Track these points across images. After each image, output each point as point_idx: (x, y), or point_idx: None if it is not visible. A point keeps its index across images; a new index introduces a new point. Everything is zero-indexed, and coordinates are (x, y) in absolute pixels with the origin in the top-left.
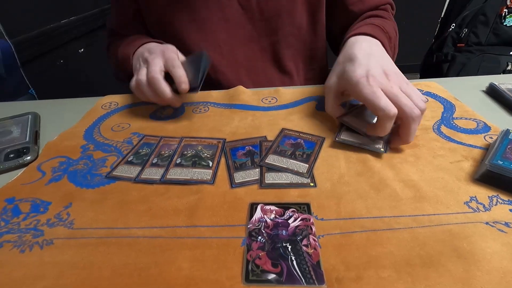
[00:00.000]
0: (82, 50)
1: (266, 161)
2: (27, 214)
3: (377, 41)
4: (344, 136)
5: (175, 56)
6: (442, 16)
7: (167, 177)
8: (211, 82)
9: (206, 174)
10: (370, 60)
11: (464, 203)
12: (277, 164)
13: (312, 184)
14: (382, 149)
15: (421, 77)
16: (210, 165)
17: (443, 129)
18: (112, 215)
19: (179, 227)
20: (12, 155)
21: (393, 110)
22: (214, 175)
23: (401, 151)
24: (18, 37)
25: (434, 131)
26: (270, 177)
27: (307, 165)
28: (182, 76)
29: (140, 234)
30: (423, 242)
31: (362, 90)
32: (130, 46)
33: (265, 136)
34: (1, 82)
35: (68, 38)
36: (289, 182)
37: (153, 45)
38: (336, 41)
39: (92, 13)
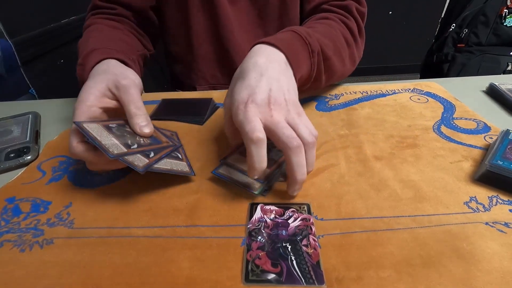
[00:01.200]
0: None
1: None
2: (27, 213)
3: (282, 56)
4: (222, 170)
5: (131, 85)
6: (442, 16)
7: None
8: (218, 61)
9: (182, 165)
10: (259, 82)
11: (464, 203)
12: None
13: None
14: (256, 192)
15: (421, 77)
16: (181, 157)
17: (443, 129)
18: (113, 214)
19: (180, 227)
20: (12, 155)
21: (258, 136)
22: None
23: (401, 151)
24: (18, 37)
25: (434, 131)
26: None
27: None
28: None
29: (140, 233)
30: (423, 242)
31: (237, 117)
32: (86, 65)
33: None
34: (1, 81)
35: (69, 38)
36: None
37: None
38: None
39: None
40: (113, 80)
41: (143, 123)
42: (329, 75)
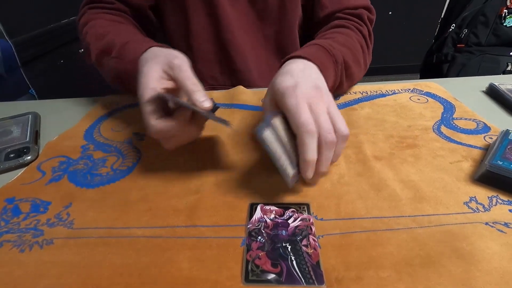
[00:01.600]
0: (82, 50)
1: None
2: (27, 214)
3: (315, 66)
4: (270, 134)
5: (185, 63)
6: (442, 16)
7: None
8: (219, 61)
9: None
10: (303, 73)
11: (464, 204)
12: None
13: None
14: (290, 175)
15: (421, 78)
16: None
17: (443, 129)
18: (112, 214)
19: (179, 227)
20: (12, 155)
21: (312, 127)
22: None
23: (401, 151)
24: (18, 37)
25: (434, 131)
26: None
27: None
28: (196, 90)
29: (140, 234)
30: (423, 242)
31: (287, 101)
32: (125, 57)
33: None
34: (1, 82)
35: (68, 38)
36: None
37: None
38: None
39: None
40: (166, 61)
41: (202, 99)
42: (349, 82)
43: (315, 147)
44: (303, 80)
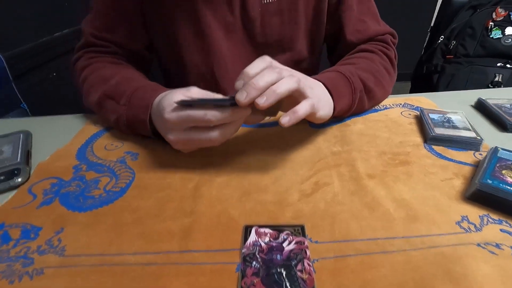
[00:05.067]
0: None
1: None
2: (17, 240)
3: (323, 87)
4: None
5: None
6: (432, 26)
7: None
8: None
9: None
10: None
11: (456, 223)
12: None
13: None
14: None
15: (412, 87)
16: None
17: (434, 145)
18: (105, 239)
19: (173, 253)
20: (2, 177)
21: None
22: None
23: (393, 168)
24: (10, 51)
25: (425, 147)
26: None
27: None
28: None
29: (133, 261)
30: (417, 265)
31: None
32: (135, 105)
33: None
34: None
35: (61, 51)
36: None
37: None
38: None
39: None
40: (181, 90)
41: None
42: (372, 103)
43: (261, 66)
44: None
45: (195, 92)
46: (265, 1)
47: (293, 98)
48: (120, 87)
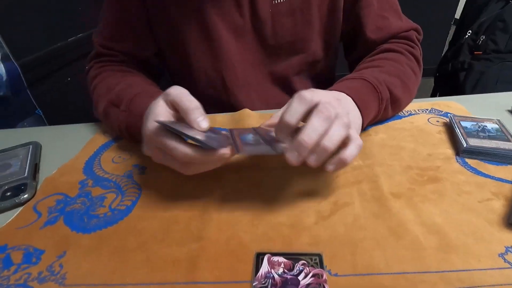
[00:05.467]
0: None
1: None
2: (18, 265)
3: (353, 102)
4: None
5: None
6: (456, 18)
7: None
8: (223, 103)
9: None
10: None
11: (499, 256)
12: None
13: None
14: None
15: (436, 86)
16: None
17: (468, 159)
18: (108, 266)
19: (178, 284)
20: (9, 193)
21: (308, 95)
22: None
23: (421, 186)
24: (25, 58)
25: (457, 161)
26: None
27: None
28: (193, 109)
29: None
30: None
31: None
32: (132, 111)
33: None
34: (8, 103)
35: (76, 56)
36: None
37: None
38: (352, 69)
39: None
40: (165, 94)
41: (199, 118)
42: (396, 110)
43: (301, 111)
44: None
45: (175, 94)
46: (276, 1)
47: None
48: (121, 94)
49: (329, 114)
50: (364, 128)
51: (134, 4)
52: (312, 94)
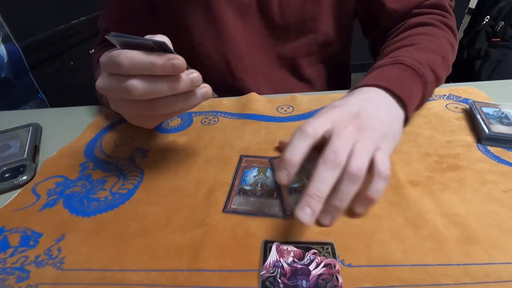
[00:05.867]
0: (93, 50)
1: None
2: (16, 248)
3: (391, 99)
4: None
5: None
6: (470, 8)
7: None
8: (229, 88)
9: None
10: (357, 100)
11: None
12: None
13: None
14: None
15: (449, 76)
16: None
17: (490, 147)
18: (108, 251)
19: (181, 271)
20: (7, 175)
21: (307, 129)
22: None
23: (441, 174)
24: (26, 40)
25: (479, 148)
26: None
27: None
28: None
29: (136, 280)
30: None
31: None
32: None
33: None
34: (10, 86)
35: (78, 39)
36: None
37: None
38: (375, 49)
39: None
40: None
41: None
42: (433, 93)
43: (326, 176)
44: (349, 103)
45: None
46: None
47: None
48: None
49: (336, 151)
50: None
51: None
52: (317, 123)
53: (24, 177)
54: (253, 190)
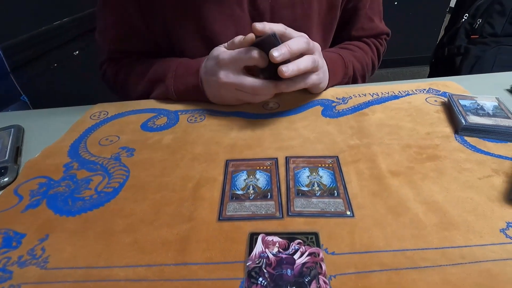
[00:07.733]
0: (77, 52)
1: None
2: None
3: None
4: None
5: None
6: (451, 6)
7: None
8: None
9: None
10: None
11: (500, 231)
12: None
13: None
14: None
15: (431, 72)
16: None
17: (467, 137)
18: (94, 249)
19: (168, 266)
20: None
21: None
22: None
23: (421, 164)
24: (8, 42)
25: (456, 139)
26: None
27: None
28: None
29: (122, 276)
30: (457, 286)
31: None
32: (185, 74)
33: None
34: None
35: (62, 41)
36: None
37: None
38: (335, 40)
39: (87, 13)
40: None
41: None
42: (348, 83)
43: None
44: None
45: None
46: None
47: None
48: (162, 68)
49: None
50: (327, 87)
51: (131, 5)
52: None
53: (6, 179)
54: (245, 194)
